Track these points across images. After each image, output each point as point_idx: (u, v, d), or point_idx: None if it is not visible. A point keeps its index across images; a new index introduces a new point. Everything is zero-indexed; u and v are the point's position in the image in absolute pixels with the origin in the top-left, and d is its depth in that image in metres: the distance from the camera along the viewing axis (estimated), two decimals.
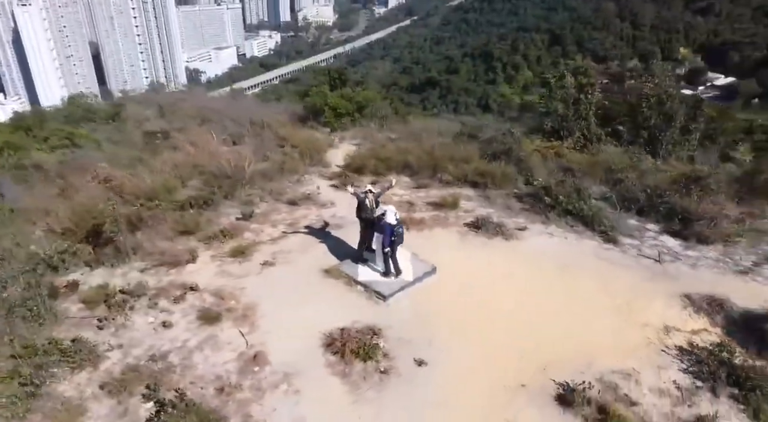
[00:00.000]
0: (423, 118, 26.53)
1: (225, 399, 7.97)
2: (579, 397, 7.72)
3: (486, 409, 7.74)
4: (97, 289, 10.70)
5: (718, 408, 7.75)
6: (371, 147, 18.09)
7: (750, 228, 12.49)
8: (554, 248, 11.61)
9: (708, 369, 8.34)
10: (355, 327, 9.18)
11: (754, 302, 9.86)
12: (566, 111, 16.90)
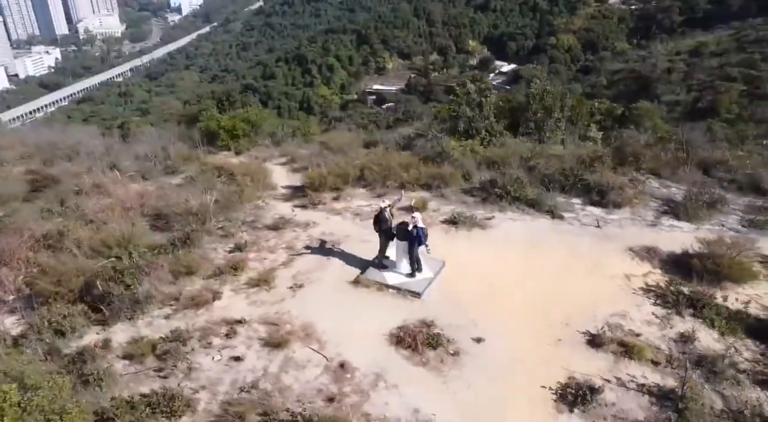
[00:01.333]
0: (327, 133, 27.69)
1: (337, 406, 9.02)
2: (603, 339, 10.24)
3: (544, 363, 9.84)
4: (135, 343, 10.73)
5: (687, 325, 10.81)
6: (307, 164, 19.25)
7: (640, 192, 16.34)
8: (521, 230, 14.14)
9: (670, 298, 11.43)
10: (409, 324, 10.69)
11: (673, 246, 13.33)
12: (473, 113, 19.72)
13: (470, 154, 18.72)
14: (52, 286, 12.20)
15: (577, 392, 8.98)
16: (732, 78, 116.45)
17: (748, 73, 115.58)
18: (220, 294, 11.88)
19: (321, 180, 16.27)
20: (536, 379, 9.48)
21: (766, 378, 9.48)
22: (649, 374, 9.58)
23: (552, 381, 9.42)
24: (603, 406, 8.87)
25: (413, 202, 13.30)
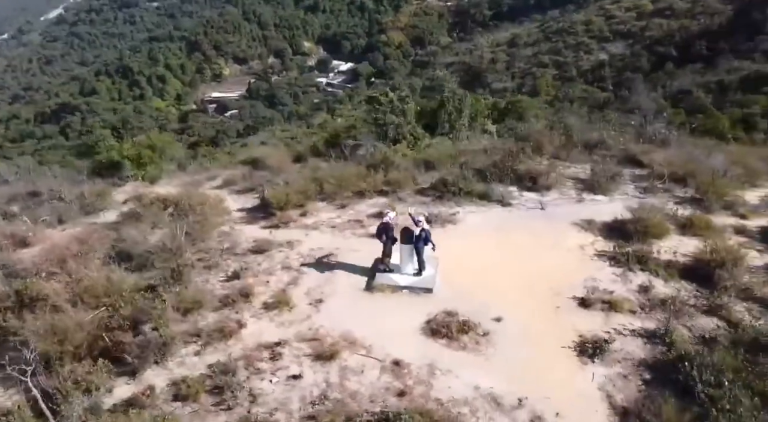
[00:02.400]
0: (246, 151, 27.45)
1: (410, 398, 10.13)
2: (591, 300, 12.52)
3: (555, 327, 11.77)
4: (180, 384, 10.75)
5: (641, 278, 13.54)
6: (251, 186, 19.50)
7: (559, 174, 19.28)
8: (484, 220, 16.10)
9: (620, 259, 14.12)
10: (436, 316, 12.03)
11: (603, 216, 16.22)
12: (399, 119, 21.34)
13: (403, 158, 20.35)
14: (57, 346, 11.62)
15: (594, 345, 11.10)
16: (545, 64, 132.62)
17: (556, 60, 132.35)
18: (245, 322, 12.19)
19: (285, 198, 16.77)
20: (555, 342, 11.42)
21: (707, 308, 12.42)
22: (633, 321, 12.02)
23: (568, 341, 11.43)
24: (614, 352, 11.07)
25: (411, 210, 14.48)
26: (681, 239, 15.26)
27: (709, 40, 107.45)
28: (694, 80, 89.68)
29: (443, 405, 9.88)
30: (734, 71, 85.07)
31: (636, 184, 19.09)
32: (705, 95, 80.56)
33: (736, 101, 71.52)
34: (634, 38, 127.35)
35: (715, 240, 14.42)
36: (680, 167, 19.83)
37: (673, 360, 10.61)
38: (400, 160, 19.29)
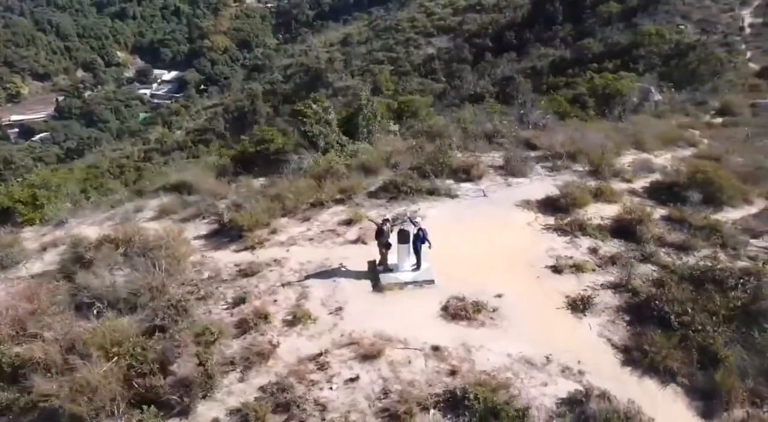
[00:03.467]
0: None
1: (461, 375, 11.51)
2: (561, 266, 14.93)
3: (544, 293, 13.91)
4: (241, 412, 10.95)
5: (586, 242, 16.31)
6: (197, 211, 19.12)
7: (484, 164, 21.77)
8: (442, 212, 17.80)
9: (564, 228, 16.81)
10: (449, 303, 13.49)
11: (534, 195, 18.93)
12: (326, 129, 22.14)
13: (340, 166, 21.30)
14: (87, 404, 11.06)
15: (581, 302, 13.46)
16: (380, 61, 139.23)
17: (390, 56, 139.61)
18: (276, 342, 12.55)
19: (252, 219, 16.92)
20: (550, 305, 13.58)
21: (642, 257, 15.53)
22: (597, 278, 14.67)
23: (559, 302, 13.66)
24: (596, 305, 13.54)
25: (408, 213, 15.64)
26: (597, 206, 18.51)
27: (516, 31, 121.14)
28: (513, 67, 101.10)
29: (491, 375, 11.44)
30: (543, 57, 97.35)
31: (542, 165, 22.31)
32: (525, 80, 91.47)
33: (548, 83, 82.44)
34: (455, 32, 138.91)
35: (626, 202, 17.87)
36: (568, 146, 23.54)
37: (641, 302, 13.37)
38: (341, 168, 20.25)
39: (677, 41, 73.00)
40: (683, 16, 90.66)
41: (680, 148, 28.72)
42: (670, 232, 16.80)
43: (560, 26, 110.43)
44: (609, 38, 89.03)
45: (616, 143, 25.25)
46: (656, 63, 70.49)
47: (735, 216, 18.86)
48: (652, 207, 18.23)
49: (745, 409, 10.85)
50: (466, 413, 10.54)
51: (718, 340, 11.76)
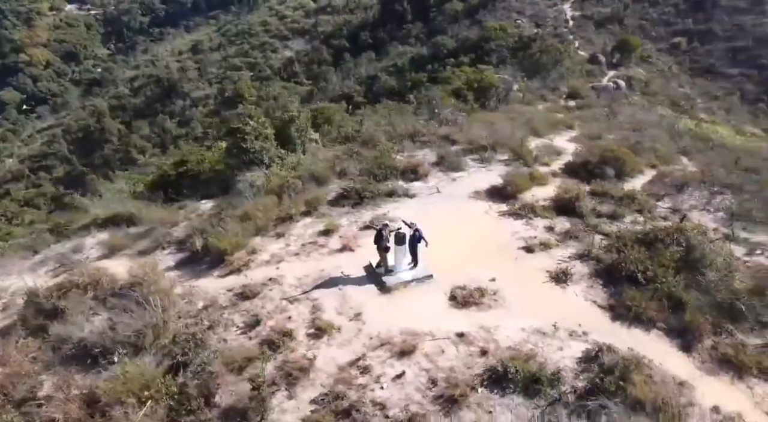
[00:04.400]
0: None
1: (491, 353, 12.77)
2: (531, 246, 16.84)
3: (526, 270, 15.61)
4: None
5: (540, 222, 18.45)
6: (155, 244, 18.28)
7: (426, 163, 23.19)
8: (408, 211, 18.79)
9: (518, 212, 18.83)
10: (454, 293, 14.71)
11: (480, 185, 20.80)
12: (267, 145, 21.99)
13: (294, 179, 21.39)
14: None
15: (561, 274, 15.45)
16: (238, 67, 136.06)
17: (247, 61, 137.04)
18: (312, 355, 12.89)
19: (233, 242, 16.69)
20: (536, 279, 15.38)
21: (587, 229, 18.03)
22: (562, 252, 16.82)
23: (542, 278, 15.51)
24: (574, 275, 15.63)
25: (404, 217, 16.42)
26: (534, 190, 20.91)
27: (370, 30, 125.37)
28: (376, 66, 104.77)
29: (516, 349, 12.91)
30: (402, 55, 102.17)
31: (470, 158, 24.39)
32: (389, 78, 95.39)
33: (412, 79, 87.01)
34: (310, 34, 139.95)
35: (560, 183, 20.45)
36: (485, 139, 25.94)
37: (608, 266, 15.71)
38: (297, 181, 20.49)
39: (519, 35, 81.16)
40: (518, 12, 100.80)
41: (563, 131, 32.77)
42: (599, 205, 19.60)
43: (412, 25, 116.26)
44: (459, 34, 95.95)
45: (520, 132, 28.22)
46: (506, 55, 77.77)
47: (637, 185, 22.40)
48: (577, 185, 21.01)
49: (711, 339, 13.49)
50: (510, 385, 11.86)
51: (679, 287, 14.37)
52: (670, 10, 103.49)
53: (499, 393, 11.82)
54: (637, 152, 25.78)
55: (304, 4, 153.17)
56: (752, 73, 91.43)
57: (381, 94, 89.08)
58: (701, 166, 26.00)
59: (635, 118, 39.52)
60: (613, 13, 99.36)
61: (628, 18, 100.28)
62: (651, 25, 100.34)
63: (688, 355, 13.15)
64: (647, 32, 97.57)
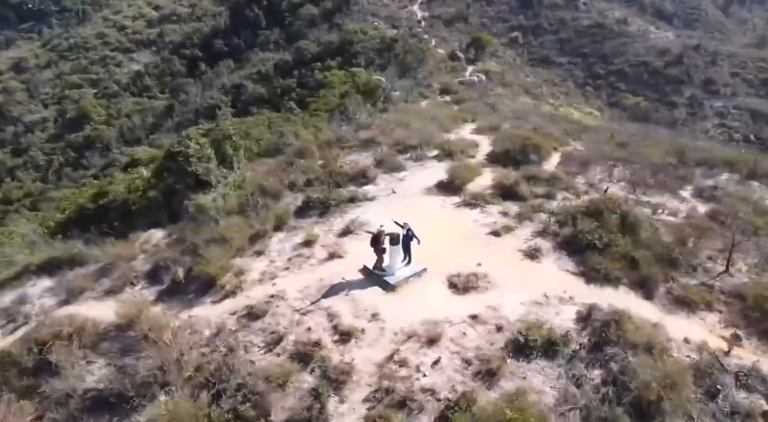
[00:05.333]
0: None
1: (505, 327, 14.32)
2: (497, 231, 18.68)
3: (501, 251, 17.39)
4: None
5: (493, 208, 20.40)
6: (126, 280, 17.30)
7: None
8: (375, 213, 19.73)
9: (474, 202, 20.62)
10: (451, 281, 16.03)
11: (428, 181, 22.28)
12: (210, 166, 21.36)
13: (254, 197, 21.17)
14: None
15: (532, 252, 17.49)
16: (78, 84, 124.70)
17: (88, 78, 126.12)
18: (349, 360, 13.46)
19: (222, 266, 16.42)
20: (513, 259, 17.25)
21: (534, 209, 20.40)
22: (524, 232, 18.91)
23: (519, 256, 17.36)
24: (542, 250, 17.75)
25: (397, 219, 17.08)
26: (475, 180, 22.96)
27: (223, 37, 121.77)
28: (239, 75, 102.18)
29: (524, 320, 14.59)
30: (264, 61, 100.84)
31: (403, 158, 25.86)
32: (256, 85, 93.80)
33: (282, 86, 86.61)
34: (157, 45, 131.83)
35: (497, 172, 22.72)
36: (406, 138, 27.62)
37: (566, 239, 18.07)
38: (257, 199, 20.41)
39: (382, 37, 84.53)
40: (373, 14, 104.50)
41: (462, 124, 35.61)
42: (533, 187, 22.16)
43: (269, 30, 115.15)
44: (321, 38, 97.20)
45: (432, 128, 30.34)
46: (373, 57, 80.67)
47: (551, 167, 25.48)
48: (509, 172, 23.47)
49: (664, 286, 16.34)
50: (533, 352, 13.54)
51: (629, 248, 17.13)
52: (504, 8, 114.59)
53: (525, 360, 13.43)
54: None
55: (144, 13, 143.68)
56: (577, 61, 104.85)
57: (250, 103, 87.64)
58: (588, 144, 30.11)
59: (512, 108, 43.96)
60: (458, 13, 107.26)
61: (472, 16, 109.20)
62: (491, 22, 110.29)
63: (651, 302, 15.82)
64: (489, 29, 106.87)
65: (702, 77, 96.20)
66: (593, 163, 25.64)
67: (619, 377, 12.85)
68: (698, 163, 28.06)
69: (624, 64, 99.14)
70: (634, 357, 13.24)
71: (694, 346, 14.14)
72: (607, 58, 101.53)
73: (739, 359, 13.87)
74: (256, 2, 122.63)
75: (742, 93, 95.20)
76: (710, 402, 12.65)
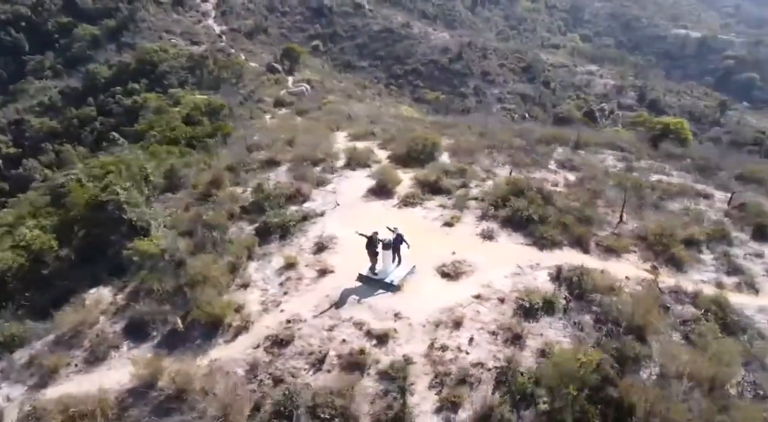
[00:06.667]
0: None
1: (505, 300, 16.68)
2: (450, 222, 20.91)
3: (462, 239, 19.80)
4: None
5: (431, 204, 22.54)
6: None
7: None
8: (334, 226, 20.48)
9: (411, 201, 22.52)
10: (442, 270, 17.86)
11: (361, 191, 23.56)
12: (144, 209, 19.64)
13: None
14: None
15: (487, 233, 20.12)
16: None
17: None
18: (408, 356, 14.58)
19: (224, 305, 15.95)
20: (475, 243, 19.68)
21: (472, 198, 23.17)
22: (469, 219, 21.42)
23: (477, 240, 19.89)
24: (494, 231, 20.45)
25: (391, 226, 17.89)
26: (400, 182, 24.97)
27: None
28: (14, 108, 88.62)
29: (516, 290, 17.13)
30: (45, 90, 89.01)
31: (317, 171, 26.64)
32: (44, 119, 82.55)
33: (78, 116, 77.66)
34: None
35: (419, 172, 24.98)
36: (310, 154, 28.43)
37: (505, 219, 21.10)
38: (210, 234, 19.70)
39: (190, 54, 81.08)
40: (167, 31, 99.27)
41: (335, 133, 37.19)
42: (450, 180, 24.95)
43: (40, 55, 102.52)
44: (111, 60, 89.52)
45: (318, 140, 31.43)
46: (184, 76, 77.14)
47: (446, 160, 28.59)
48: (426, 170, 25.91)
49: (593, 240, 20.29)
50: (538, 312, 16.19)
51: (557, 216, 20.81)
52: (299, 18, 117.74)
53: (534, 321, 16.01)
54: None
55: None
56: (377, 63, 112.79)
57: (40, 140, 77.48)
58: (459, 137, 34.04)
59: (365, 113, 46.68)
60: (256, 25, 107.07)
61: (271, 28, 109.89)
62: (290, 32, 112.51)
63: (589, 255, 19.60)
64: (289, 39, 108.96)
65: (479, 70, 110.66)
66: (476, 153, 29.37)
67: (607, 315, 16.09)
68: (537, 141, 33.57)
69: (417, 63, 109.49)
70: (608, 299, 16.63)
71: (635, 281, 18.09)
72: (401, 58, 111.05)
73: (663, 283, 18.16)
74: (12, 25, 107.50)
75: (510, 80, 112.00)
76: (666, 316, 16.54)
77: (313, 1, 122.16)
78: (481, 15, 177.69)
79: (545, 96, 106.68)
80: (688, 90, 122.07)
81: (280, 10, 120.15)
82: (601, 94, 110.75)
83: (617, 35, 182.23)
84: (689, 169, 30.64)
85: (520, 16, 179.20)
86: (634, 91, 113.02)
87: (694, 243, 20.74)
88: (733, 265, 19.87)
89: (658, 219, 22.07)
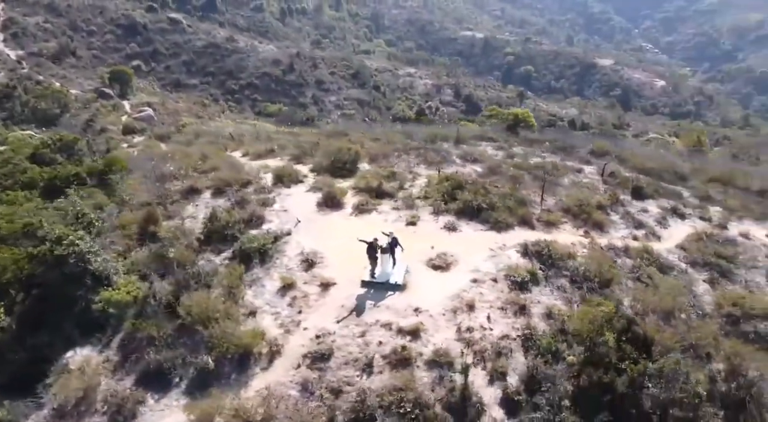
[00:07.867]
0: None
1: (505, 279, 18.79)
2: (411, 222, 22.37)
3: (431, 235, 21.50)
4: None
5: (386, 207, 23.73)
6: None
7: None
8: (308, 243, 20.69)
9: (367, 208, 23.48)
10: (433, 264, 19.32)
11: (309, 206, 23.84)
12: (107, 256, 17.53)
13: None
14: None
15: (450, 225, 22.04)
16: None
17: None
18: (446, 345, 15.88)
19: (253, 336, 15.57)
20: (443, 236, 21.54)
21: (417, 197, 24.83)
22: (426, 215, 23.14)
23: (444, 234, 21.77)
24: (454, 223, 22.41)
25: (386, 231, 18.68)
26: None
27: None
28: None
29: (502, 269, 19.33)
30: None
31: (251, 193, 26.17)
32: None
33: None
34: None
35: (358, 181, 26.00)
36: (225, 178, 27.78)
37: (460, 210, 23.26)
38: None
39: None
40: None
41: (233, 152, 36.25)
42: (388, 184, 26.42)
43: None
44: None
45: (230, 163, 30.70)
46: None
47: (368, 167, 29.92)
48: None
49: (533, 218, 23.38)
50: (527, 283, 18.64)
51: (506, 201, 23.56)
52: (111, 37, 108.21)
53: (528, 292, 18.45)
54: None
55: None
56: (208, 80, 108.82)
57: None
58: (364, 144, 35.48)
59: (245, 131, 45.83)
60: (62, 48, 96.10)
61: (80, 49, 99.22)
62: (104, 53, 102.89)
63: (535, 230, 22.63)
64: (104, 60, 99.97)
65: (313, 79, 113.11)
66: (389, 157, 31.18)
67: (577, 276, 19.08)
68: (424, 140, 36.57)
69: (251, 77, 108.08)
70: (572, 262, 19.69)
71: (580, 245, 21.49)
72: (234, 73, 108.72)
73: (598, 243, 21.86)
74: None
75: (344, 87, 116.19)
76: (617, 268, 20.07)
77: (122, 18, 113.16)
78: (292, 25, 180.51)
79: (378, 99, 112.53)
80: (490, 85, 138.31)
81: (85, 29, 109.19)
82: (424, 94, 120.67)
83: (416, 39, 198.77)
84: (554, 150, 35.81)
85: (329, 24, 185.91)
86: (450, 89, 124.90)
87: (603, 208, 24.92)
88: (636, 221, 24.46)
89: (568, 193, 26.02)
